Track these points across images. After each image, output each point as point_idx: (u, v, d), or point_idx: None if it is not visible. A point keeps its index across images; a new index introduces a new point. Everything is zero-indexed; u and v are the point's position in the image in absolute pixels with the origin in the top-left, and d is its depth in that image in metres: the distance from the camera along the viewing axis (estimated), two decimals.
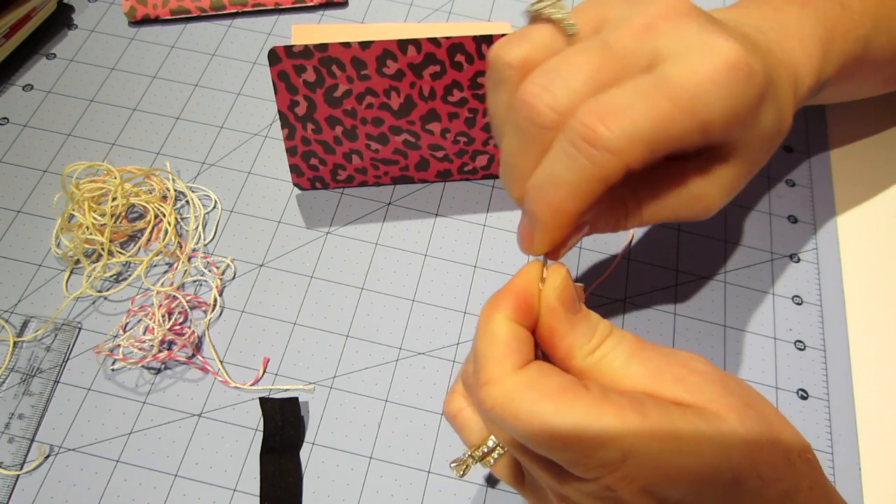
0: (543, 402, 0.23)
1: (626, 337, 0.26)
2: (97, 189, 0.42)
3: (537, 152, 0.26)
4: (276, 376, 0.39)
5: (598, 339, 0.26)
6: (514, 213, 0.46)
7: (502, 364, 0.24)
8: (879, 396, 0.41)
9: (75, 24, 0.53)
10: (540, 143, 0.25)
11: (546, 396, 0.23)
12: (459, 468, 0.29)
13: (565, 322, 0.26)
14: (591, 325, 0.26)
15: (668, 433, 0.23)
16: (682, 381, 0.25)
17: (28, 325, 0.40)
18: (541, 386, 0.24)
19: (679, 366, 0.25)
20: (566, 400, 0.23)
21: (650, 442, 0.22)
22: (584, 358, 0.26)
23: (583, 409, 0.23)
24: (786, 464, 0.24)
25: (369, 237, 0.44)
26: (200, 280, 0.42)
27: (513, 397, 0.23)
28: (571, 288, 0.26)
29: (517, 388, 0.24)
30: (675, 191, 0.29)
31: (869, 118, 0.52)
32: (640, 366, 0.25)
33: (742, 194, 0.48)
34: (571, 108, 0.25)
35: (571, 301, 0.26)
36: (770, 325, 0.43)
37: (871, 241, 0.47)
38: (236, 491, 0.36)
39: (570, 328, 0.26)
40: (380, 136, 0.42)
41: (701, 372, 0.25)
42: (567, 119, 0.24)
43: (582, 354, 0.26)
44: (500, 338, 0.25)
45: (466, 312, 0.42)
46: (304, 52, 0.37)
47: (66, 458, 0.36)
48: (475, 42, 0.37)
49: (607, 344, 0.26)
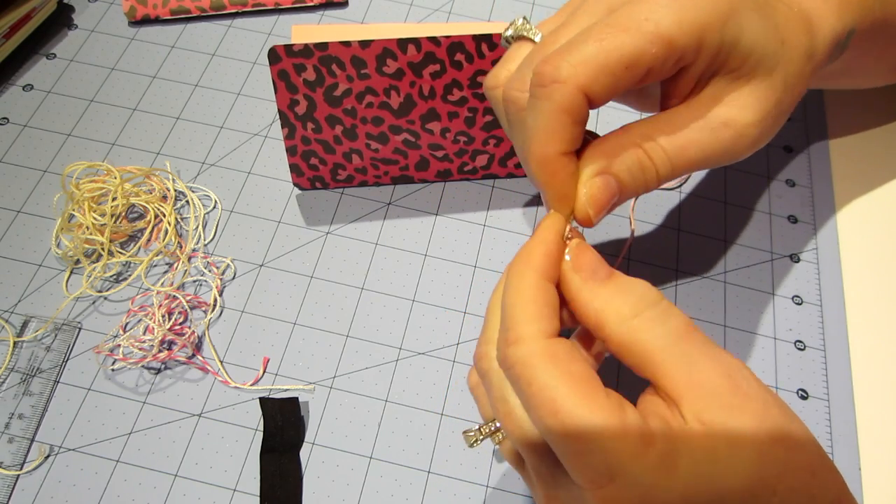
0: (560, 383, 0.23)
1: (675, 317, 0.24)
2: (97, 189, 0.42)
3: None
4: (276, 376, 0.39)
5: (638, 306, 0.24)
6: (514, 213, 0.46)
7: (532, 326, 0.24)
8: (879, 396, 0.41)
9: (75, 24, 0.53)
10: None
11: (564, 377, 0.23)
12: (469, 439, 0.28)
13: (585, 289, 0.25)
14: (631, 290, 0.25)
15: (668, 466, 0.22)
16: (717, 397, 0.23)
17: (28, 325, 0.40)
18: (564, 366, 0.23)
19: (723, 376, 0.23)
20: (582, 391, 0.22)
21: (645, 472, 0.22)
22: (620, 324, 0.24)
23: (594, 407, 0.22)
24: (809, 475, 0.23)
25: (369, 237, 0.44)
26: (200, 280, 0.42)
27: (535, 364, 0.23)
28: (590, 254, 0.26)
29: (542, 357, 0.23)
30: (697, 123, 0.27)
31: (869, 118, 0.52)
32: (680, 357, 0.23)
33: (742, 194, 0.48)
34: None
35: (590, 267, 0.25)
36: (770, 325, 0.43)
37: (871, 241, 0.47)
38: (236, 491, 0.36)
39: (593, 295, 0.25)
40: (380, 135, 0.42)
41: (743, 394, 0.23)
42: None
43: (617, 320, 0.24)
44: (531, 297, 0.24)
45: (466, 312, 0.42)
46: (304, 50, 0.37)
47: (66, 458, 0.36)
48: (475, 41, 0.37)
49: (649, 315, 0.24)
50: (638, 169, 0.27)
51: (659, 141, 0.27)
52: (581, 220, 0.27)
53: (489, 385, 0.26)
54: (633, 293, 0.25)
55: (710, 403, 0.23)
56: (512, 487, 0.37)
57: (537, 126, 0.26)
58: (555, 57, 0.25)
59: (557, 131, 0.25)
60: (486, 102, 0.41)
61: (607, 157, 0.27)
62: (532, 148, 0.26)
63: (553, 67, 0.25)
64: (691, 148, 0.27)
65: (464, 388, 0.39)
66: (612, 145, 0.27)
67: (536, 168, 0.26)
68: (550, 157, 0.26)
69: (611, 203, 0.27)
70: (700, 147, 0.27)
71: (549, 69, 0.25)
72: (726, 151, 0.28)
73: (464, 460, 0.37)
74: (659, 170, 0.27)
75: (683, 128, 0.27)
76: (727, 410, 0.22)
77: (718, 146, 0.28)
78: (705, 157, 0.28)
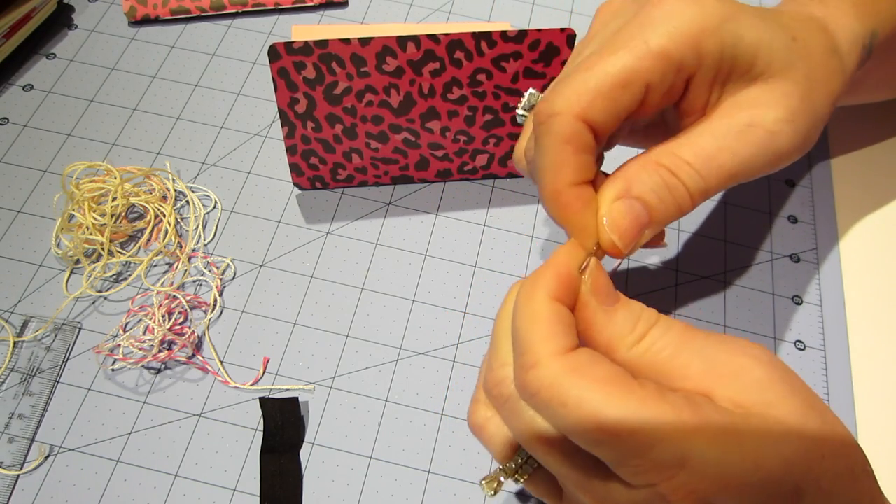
0: (594, 391, 0.21)
1: (674, 325, 0.24)
2: (97, 189, 0.42)
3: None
4: (276, 376, 0.39)
5: (642, 329, 0.24)
6: (513, 213, 0.46)
7: (547, 346, 0.22)
8: (879, 396, 0.41)
9: (75, 24, 0.53)
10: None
11: (597, 384, 0.22)
12: (490, 485, 0.26)
13: (601, 314, 0.25)
14: (633, 313, 0.25)
15: (731, 438, 0.21)
16: (740, 376, 0.23)
17: (28, 325, 0.40)
18: (591, 373, 0.22)
19: (738, 354, 0.23)
20: (619, 390, 0.21)
21: (711, 446, 0.21)
22: (629, 350, 0.24)
23: (637, 401, 0.21)
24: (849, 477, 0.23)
25: (369, 237, 0.44)
26: (200, 280, 0.42)
27: (561, 382, 0.22)
28: (605, 277, 0.25)
29: (565, 372, 0.22)
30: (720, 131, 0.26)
31: (869, 118, 0.52)
32: (692, 356, 0.23)
33: (742, 194, 0.48)
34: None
35: (605, 292, 0.25)
36: (770, 325, 0.43)
37: (871, 242, 0.47)
38: (236, 491, 0.36)
39: (608, 320, 0.24)
40: (379, 134, 0.42)
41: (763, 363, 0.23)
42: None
43: (625, 346, 0.24)
44: (544, 317, 0.23)
45: (466, 312, 0.42)
46: (304, 48, 0.37)
47: (66, 458, 0.36)
48: (474, 39, 0.37)
49: (653, 333, 0.24)
50: (663, 188, 0.26)
51: (682, 156, 0.26)
52: (608, 248, 0.26)
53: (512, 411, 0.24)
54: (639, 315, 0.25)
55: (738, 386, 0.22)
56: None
57: (543, 163, 0.26)
58: (549, 94, 0.26)
59: (562, 162, 0.25)
60: (486, 101, 0.41)
61: (626, 181, 0.26)
62: (543, 184, 0.26)
63: (548, 103, 0.25)
64: (720, 156, 0.26)
65: (464, 388, 0.39)
66: (630, 168, 0.26)
67: (550, 202, 0.26)
68: (560, 188, 0.25)
69: (640, 228, 0.26)
70: (731, 153, 0.26)
71: (545, 106, 0.25)
72: (762, 153, 0.26)
73: (464, 460, 0.37)
74: (688, 186, 0.26)
75: (706, 138, 0.26)
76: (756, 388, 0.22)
77: (751, 148, 0.26)
78: (740, 163, 0.26)
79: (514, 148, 0.32)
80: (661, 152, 0.26)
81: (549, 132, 0.25)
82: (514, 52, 0.38)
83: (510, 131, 0.43)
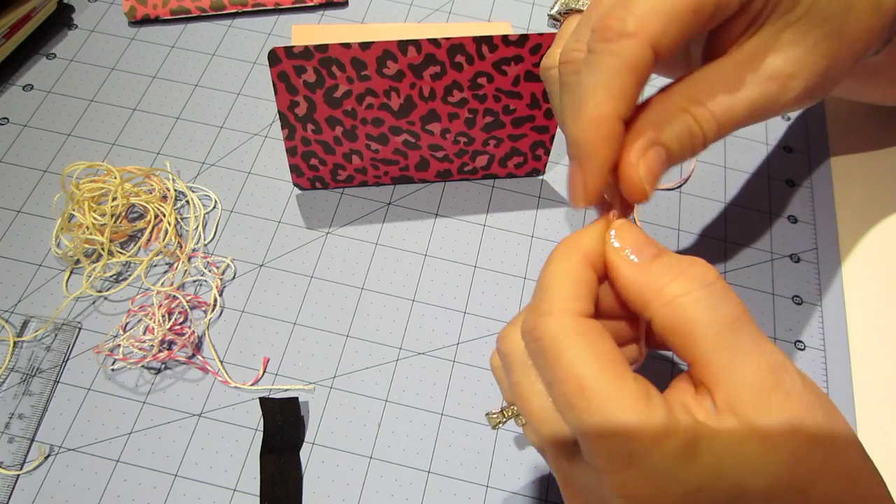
0: (590, 361, 0.22)
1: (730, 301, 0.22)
2: (97, 189, 0.42)
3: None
4: (276, 376, 0.39)
5: (688, 284, 0.22)
6: (513, 213, 0.46)
7: (566, 303, 0.23)
8: (879, 396, 0.41)
9: (75, 24, 0.53)
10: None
11: (595, 356, 0.22)
12: (493, 420, 0.27)
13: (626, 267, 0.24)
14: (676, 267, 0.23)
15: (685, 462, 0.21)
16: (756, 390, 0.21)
17: (28, 325, 0.40)
18: (595, 345, 0.22)
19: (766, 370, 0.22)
20: (611, 372, 0.22)
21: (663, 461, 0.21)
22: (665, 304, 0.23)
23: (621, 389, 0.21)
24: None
25: (369, 237, 0.44)
26: (200, 280, 0.42)
27: (564, 337, 0.22)
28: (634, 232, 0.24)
29: (573, 332, 0.22)
30: (746, 78, 0.25)
31: (869, 119, 0.52)
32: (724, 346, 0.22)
33: (742, 194, 0.48)
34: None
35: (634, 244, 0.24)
36: (770, 325, 0.43)
37: (871, 242, 0.47)
38: (236, 491, 0.36)
39: (638, 271, 0.23)
40: (380, 136, 0.42)
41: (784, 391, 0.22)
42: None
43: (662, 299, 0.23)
44: (571, 277, 0.24)
45: (466, 312, 0.42)
46: (305, 52, 0.37)
47: (66, 458, 0.36)
48: (475, 43, 0.37)
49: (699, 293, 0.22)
50: (686, 136, 0.25)
51: (708, 105, 0.25)
52: (637, 196, 0.25)
53: (509, 366, 0.25)
54: (685, 272, 0.23)
55: (747, 396, 0.22)
56: (512, 487, 0.37)
57: (596, 84, 0.23)
58: (618, 9, 0.23)
59: (621, 91, 0.23)
60: (486, 104, 0.41)
61: (656, 127, 0.24)
62: (587, 108, 0.23)
63: (618, 20, 0.23)
64: (738, 106, 0.25)
65: (464, 388, 0.39)
66: (658, 113, 0.25)
67: (588, 130, 0.23)
68: (606, 119, 0.23)
69: (662, 174, 0.25)
70: (747, 103, 0.25)
71: (614, 22, 0.23)
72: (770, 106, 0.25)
73: (464, 460, 0.37)
74: (707, 135, 0.25)
75: (732, 86, 0.25)
76: (764, 406, 0.21)
77: (765, 101, 0.25)
78: (750, 114, 0.25)
79: (546, 56, 0.28)
80: (688, 97, 0.25)
81: (615, 53, 0.23)
82: (515, 56, 0.38)
83: (510, 133, 0.43)
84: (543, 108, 0.42)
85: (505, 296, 0.43)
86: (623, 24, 0.23)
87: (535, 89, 0.40)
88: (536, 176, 0.47)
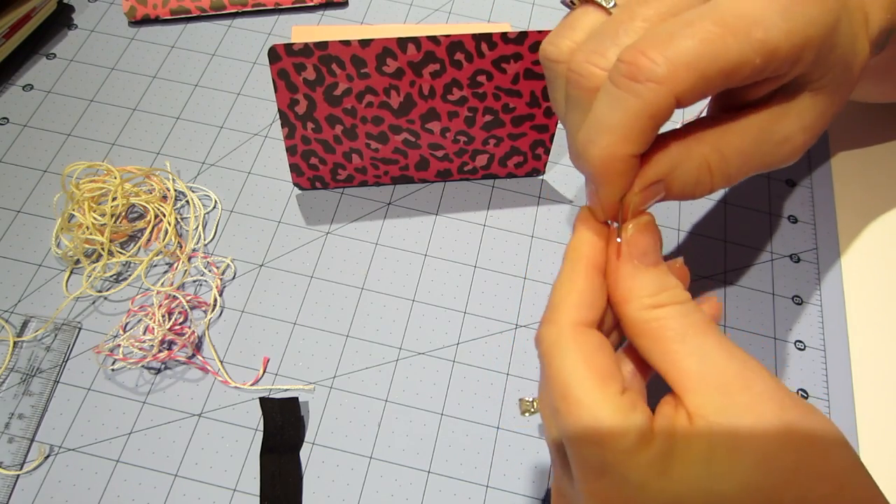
0: (578, 369, 0.23)
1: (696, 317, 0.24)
2: (97, 189, 0.42)
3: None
4: (276, 376, 0.39)
5: (663, 298, 0.24)
6: (513, 213, 0.46)
7: (569, 313, 0.24)
8: (879, 396, 0.41)
9: (75, 24, 0.53)
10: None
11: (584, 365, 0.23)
12: (524, 405, 0.28)
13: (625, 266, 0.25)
14: (661, 280, 0.24)
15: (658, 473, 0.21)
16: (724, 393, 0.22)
17: (28, 325, 0.40)
18: (587, 355, 0.23)
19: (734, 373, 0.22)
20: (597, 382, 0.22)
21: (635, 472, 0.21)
22: (639, 311, 0.24)
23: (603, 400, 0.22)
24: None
25: (369, 237, 0.44)
26: (200, 280, 0.42)
27: (561, 345, 0.23)
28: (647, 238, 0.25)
29: (568, 341, 0.24)
30: (761, 138, 0.25)
31: (869, 118, 0.52)
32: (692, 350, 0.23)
33: (742, 194, 0.48)
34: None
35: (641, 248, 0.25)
36: (770, 325, 0.43)
37: (871, 242, 0.47)
38: (236, 491, 0.36)
39: (632, 273, 0.24)
40: (380, 134, 0.42)
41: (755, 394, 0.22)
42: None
43: (638, 305, 0.24)
44: (578, 288, 0.25)
45: (466, 312, 0.42)
46: (304, 50, 0.37)
47: (66, 458, 0.36)
48: (474, 40, 0.37)
49: (670, 311, 0.24)
50: (695, 181, 0.25)
51: (727, 156, 0.25)
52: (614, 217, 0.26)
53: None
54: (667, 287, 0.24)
55: (715, 399, 0.22)
56: (512, 487, 0.37)
57: (614, 123, 0.23)
58: (651, 49, 0.22)
59: (638, 133, 0.23)
60: (486, 102, 0.41)
61: (671, 165, 0.25)
62: (602, 142, 0.23)
63: (650, 62, 0.22)
64: (751, 162, 0.25)
65: (463, 388, 0.39)
66: (680, 152, 0.25)
67: (601, 165, 0.24)
68: (620, 157, 0.23)
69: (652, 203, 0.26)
70: (761, 160, 0.25)
71: (646, 63, 0.22)
72: (777, 163, 0.26)
73: (464, 460, 0.37)
74: (714, 185, 0.25)
75: (753, 142, 0.25)
76: (731, 408, 0.21)
77: (773, 160, 0.26)
78: (760, 167, 0.26)
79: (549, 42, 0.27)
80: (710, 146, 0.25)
81: (639, 96, 0.22)
82: (514, 54, 0.38)
83: (510, 132, 0.43)
84: (543, 106, 0.41)
85: (505, 296, 0.43)
86: (653, 69, 0.22)
87: (534, 87, 0.40)
88: (536, 176, 0.47)
